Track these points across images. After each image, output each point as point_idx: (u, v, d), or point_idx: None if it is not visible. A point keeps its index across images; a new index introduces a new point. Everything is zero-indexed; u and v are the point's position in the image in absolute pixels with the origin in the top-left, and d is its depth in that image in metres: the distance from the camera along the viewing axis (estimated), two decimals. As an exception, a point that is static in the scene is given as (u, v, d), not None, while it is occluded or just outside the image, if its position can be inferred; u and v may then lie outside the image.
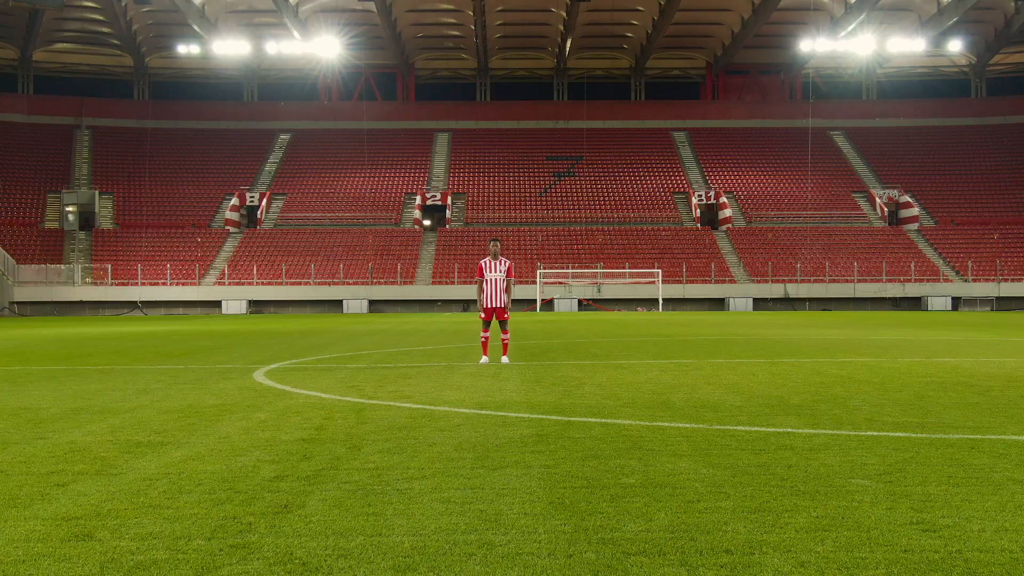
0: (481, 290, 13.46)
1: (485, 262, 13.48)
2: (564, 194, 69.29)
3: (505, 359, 13.11)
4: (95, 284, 57.24)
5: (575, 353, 15.60)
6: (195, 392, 9.60)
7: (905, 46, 66.64)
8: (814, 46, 66.95)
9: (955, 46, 70.60)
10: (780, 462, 5.61)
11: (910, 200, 67.39)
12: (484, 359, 13.20)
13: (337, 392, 9.50)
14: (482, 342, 13.51)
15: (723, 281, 57.22)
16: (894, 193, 68.47)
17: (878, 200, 67.77)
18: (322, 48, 65.37)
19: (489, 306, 13.38)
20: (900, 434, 6.61)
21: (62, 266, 58.30)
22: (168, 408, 8.31)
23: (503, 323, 13.42)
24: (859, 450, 5.98)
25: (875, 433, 6.65)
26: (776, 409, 7.95)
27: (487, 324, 13.45)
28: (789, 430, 6.81)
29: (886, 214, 67.00)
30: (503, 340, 13.42)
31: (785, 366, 12.46)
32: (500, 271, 13.38)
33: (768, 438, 6.46)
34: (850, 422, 7.21)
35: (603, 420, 7.32)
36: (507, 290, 13.49)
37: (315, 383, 10.49)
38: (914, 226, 65.04)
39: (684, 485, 5.00)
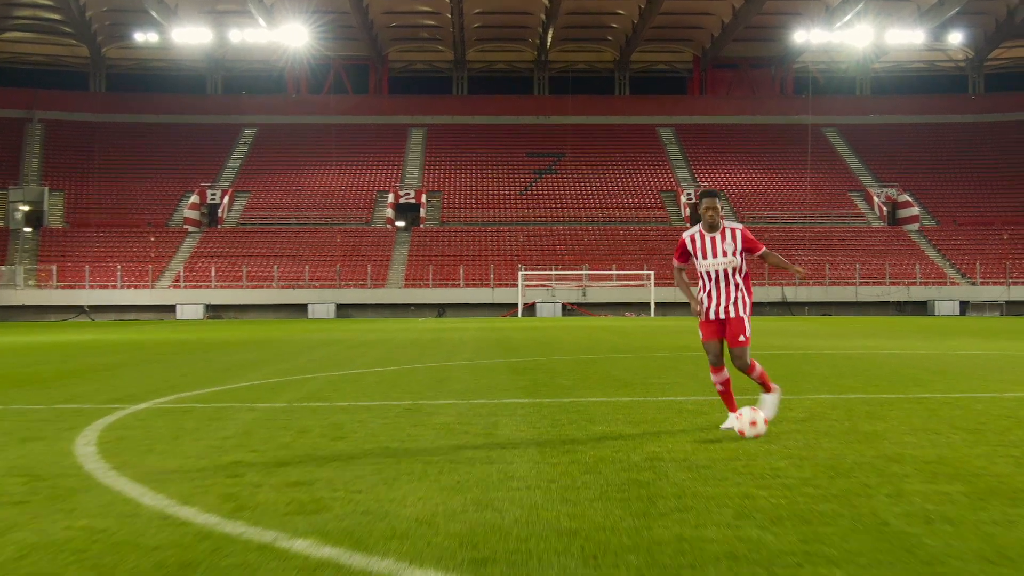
0: (695, 288, 6.99)
1: (694, 236, 6.80)
2: (545, 192, 65.43)
3: (754, 413, 6.35)
4: (39, 287, 52.85)
5: (595, 380, 11.29)
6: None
7: (903, 38, 63.59)
8: (808, 38, 63.67)
9: (955, 38, 67.46)
10: None
11: (909, 199, 64.06)
12: (733, 421, 6.51)
13: (184, 486, 5.13)
14: (719, 392, 6.93)
15: (717, 284, 53.40)
16: (892, 192, 65.15)
17: (876, 199, 64.39)
18: (289, 37, 61.32)
19: (715, 317, 6.77)
20: None
21: (3, 267, 53.69)
22: None
23: (738, 353, 6.66)
24: None
25: None
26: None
27: (715, 353, 6.82)
28: None
29: (885, 214, 63.72)
30: (757, 374, 6.78)
31: (951, 410, 8.33)
32: (727, 250, 6.67)
33: None
34: None
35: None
36: (778, 264, 7.05)
37: (165, 455, 6.10)
38: (914, 226, 61.68)
39: None
